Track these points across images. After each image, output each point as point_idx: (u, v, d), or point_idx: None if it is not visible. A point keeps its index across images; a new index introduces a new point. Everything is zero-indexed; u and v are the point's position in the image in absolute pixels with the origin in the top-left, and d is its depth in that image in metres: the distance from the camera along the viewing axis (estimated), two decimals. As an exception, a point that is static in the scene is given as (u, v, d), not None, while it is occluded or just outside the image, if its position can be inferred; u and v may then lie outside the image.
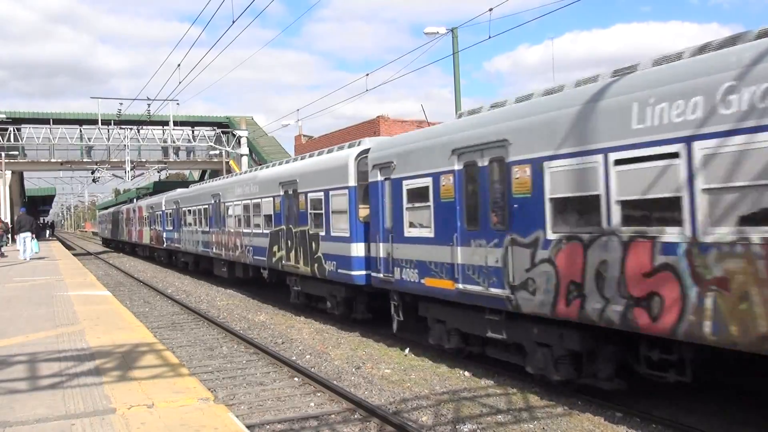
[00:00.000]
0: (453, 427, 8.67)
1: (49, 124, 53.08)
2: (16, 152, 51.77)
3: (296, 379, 11.52)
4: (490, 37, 19.37)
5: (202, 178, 71.60)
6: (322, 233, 16.09)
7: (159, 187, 72.33)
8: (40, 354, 9.04)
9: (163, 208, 36.91)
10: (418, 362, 12.49)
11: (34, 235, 31.27)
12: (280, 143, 58.44)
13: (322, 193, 16.17)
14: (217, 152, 54.78)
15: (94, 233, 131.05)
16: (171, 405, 6.55)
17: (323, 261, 16.02)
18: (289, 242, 18.21)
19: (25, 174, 64.71)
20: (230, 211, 24.03)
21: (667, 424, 8.46)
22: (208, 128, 58.09)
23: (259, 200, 20.87)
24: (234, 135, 52.98)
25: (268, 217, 20.08)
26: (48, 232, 73.45)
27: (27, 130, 51.27)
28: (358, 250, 14.64)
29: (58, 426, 5.97)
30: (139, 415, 6.26)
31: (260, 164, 50.66)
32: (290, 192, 18.27)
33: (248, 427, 7.22)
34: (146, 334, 10.75)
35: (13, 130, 49.35)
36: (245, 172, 25.47)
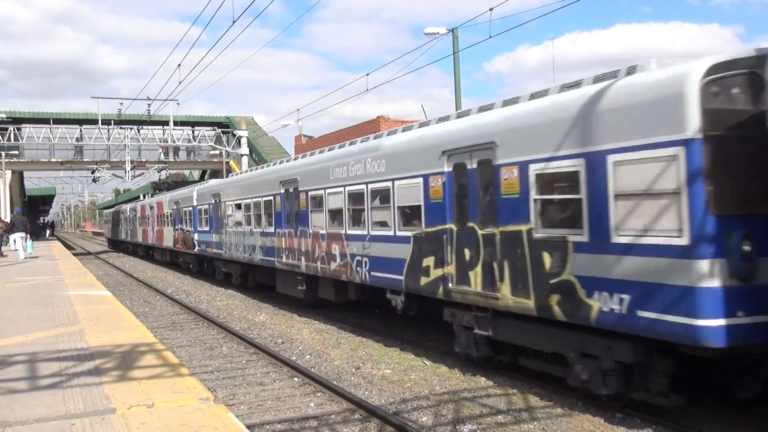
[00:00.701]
0: (453, 428, 8.67)
1: (49, 123, 53.11)
2: (16, 152, 51.77)
3: (296, 379, 11.52)
4: (490, 37, 19.40)
5: (202, 179, 71.59)
6: (581, 238, 8.77)
7: (158, 187, 72.40)
8: (40, 354, 9.04)
9: (195, 203, 29.61)
10: (418, 362, 12.48)
11: (28, 235, 31.51)
12: (280, 143, 58.51)
13: (580, 162, 8.74)
14: (218, 152, 54.79)
15: (95, 233, 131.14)
16: (171, 405, 6.56)
17: (582, 292, 8.73)
18: (467, 252, 10.99)
19: (25, 174, 64.72)
20: (319, 205, 16.54)
21: (667, 425, 8.46)
22: (208, 128, 58.13)
23: (387, 184, 13.39)
24: (234, 135, 53.01)
25: (408, 212, 12.91)
26: (48, 231, 73.45)
27: (27, 129, 51.29)
28: (711, 274, 7.35)
29: (57, 426, 5.97)
30: (139, 415, 6.26)
31: (260, 164, 50.64)
32: (471, 165, 10.98)
33: (248, 427, 7.22)
34: (146, 334, 10.75)
35: (13, 130, 49.39)
36: (352, 143, 16.01)
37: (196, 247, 29.30)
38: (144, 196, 56.54)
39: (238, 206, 23.01)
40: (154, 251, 43.33)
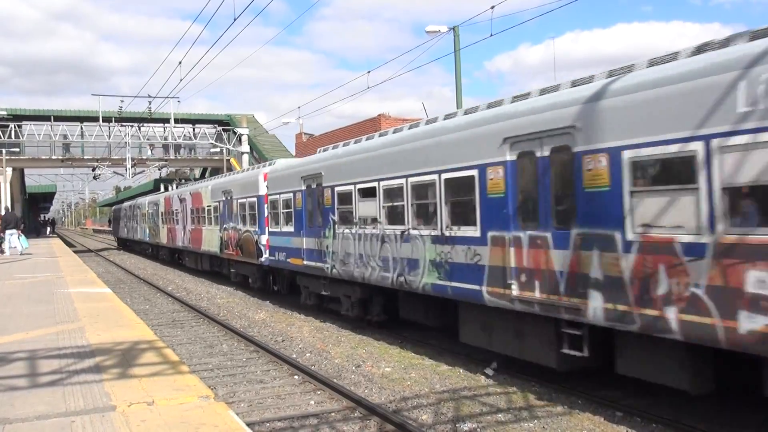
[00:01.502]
0: (453, 426, 8.66)
1: (50, 121, 53.11)
2: (17, 149, 51.78)
3: (296, 377, 11.52)
4: (491, 35, 19.41)
5: (203, 176, 71.61)
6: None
7: (159, 185, 72.41)
8: (40, 351, 9.03)
9: (263, 192, 21.29)
10: (419, 361, 12.48)
11: (20, 232, 31.66)
12: (281, 141, 58.51)
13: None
14: (218, 150, 54.80)
15: (96, 230, 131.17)
16: (171, 402, 6.54)
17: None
18: None
19: (26, 171, 64.72)
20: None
21: (668, 424, 8.45)
22: (209, 126, 58.15)
23: None
24: (235, 133, 52.99)
25: None
26: (48, 229, 73.52)
27: (28, 126, 51.30)
28: None
29: (58, 423, 5.96)
30: (140, 412, 6.24)
31: (261, 162, 50.55)
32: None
33: (248, 424, 7.21)
34: (146, 332, 10.74)
35: (14, 127, 49.37)
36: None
37: (265, 255, 20.92)
38: (168, 187, 46.69)
39: (367, 193, 14.39)
40: (182, 256, 35.18)
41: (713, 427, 8.33)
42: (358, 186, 14.68)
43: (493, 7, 18.36)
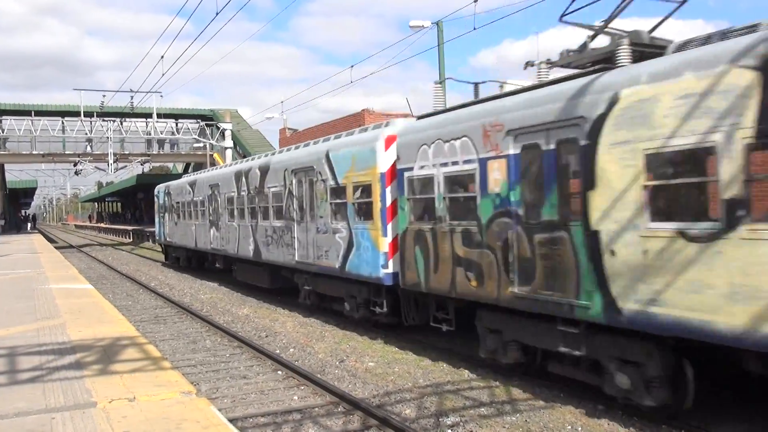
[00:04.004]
0: (436, 420, 8.70)
1: (31, 115, 52.51)
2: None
3: (280, 372, 11.51)
4: (474, 29, 19.58)
5: (185, 172, 71.09)
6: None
7: (142, 180, 71.90)
8: (20, 348, 8.96)
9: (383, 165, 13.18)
10: (402, 355, 12.50)
11: None
12: (264, 136, 58.28)
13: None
14: (202, 145, 54.48)
15: (78, 226, 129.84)
16: (153, 398, 6.52)
17: None
18: None
19: (6, 166, 63.99)
20: None
21: (649, 418, 8.52)
22: (192, 121, 57.79)
23: None
24: (218, 128, 52.72)
25: None
26: (29, 224, 72.81)
27: (8, 121, 50.69)
28: None
29: (38, 420, 5.92)
30: (121, 408, 6.22)
31: (244, 157, 50.15)
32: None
33: (231, 420, 7.19)
34: (128, 328, 10.69)
35: (-6, 122, 48.83)
36: None
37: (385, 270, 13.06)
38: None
39: None
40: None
41: (692, 422, 8.41)
42: None
43: (476, 1, 18.44)
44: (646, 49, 8.72)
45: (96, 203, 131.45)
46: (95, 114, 48.89)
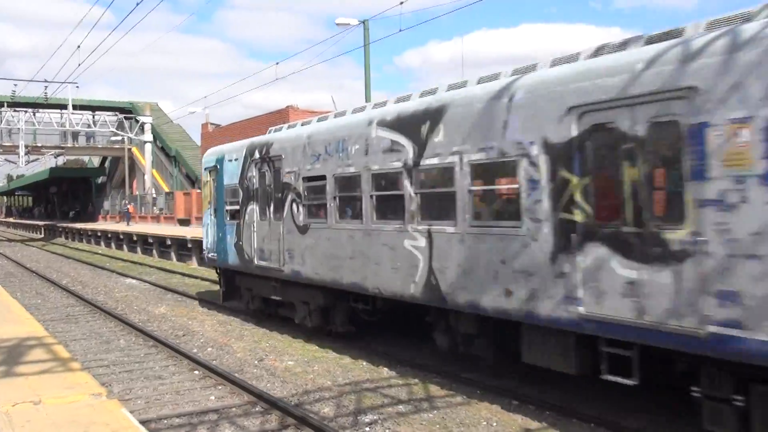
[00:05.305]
0: (354, 418, 8.73)
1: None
2: None
3: (197, 372, 11.29)
4: (400, 30, 19.72)
5: (102, 165, 68.77)
6: None
7: (55, 173, 69.07)
8: None
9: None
10: (323, 354, 12.48)
11: None
12: (185, 131, 57.02)
13: None
14: (120, 138, 52.87)
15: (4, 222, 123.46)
16: (60, 401, 6.30)
17: None
18: None
19: None
20: None
21: (559, 410, 8.81)
22: (110, 113, 55.94)
23: None
24: (137, 121, 51.28)
25: None
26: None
27: None
28: None
29: (-68, 425, 5.62)
30: (25, 412, 5.97)
31: (165, 153, 48.82)
32: None
33: (144, 422, 7.02)
34: (36, 327, 10.28)
35: None
36: None
37: None
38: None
39: None
40: None
41: (602, 412, 8.74)
42: None
43: (402, 2, 18.59)
44: None
45: (5, 197, 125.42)
46: (5, 104, 46.71)
